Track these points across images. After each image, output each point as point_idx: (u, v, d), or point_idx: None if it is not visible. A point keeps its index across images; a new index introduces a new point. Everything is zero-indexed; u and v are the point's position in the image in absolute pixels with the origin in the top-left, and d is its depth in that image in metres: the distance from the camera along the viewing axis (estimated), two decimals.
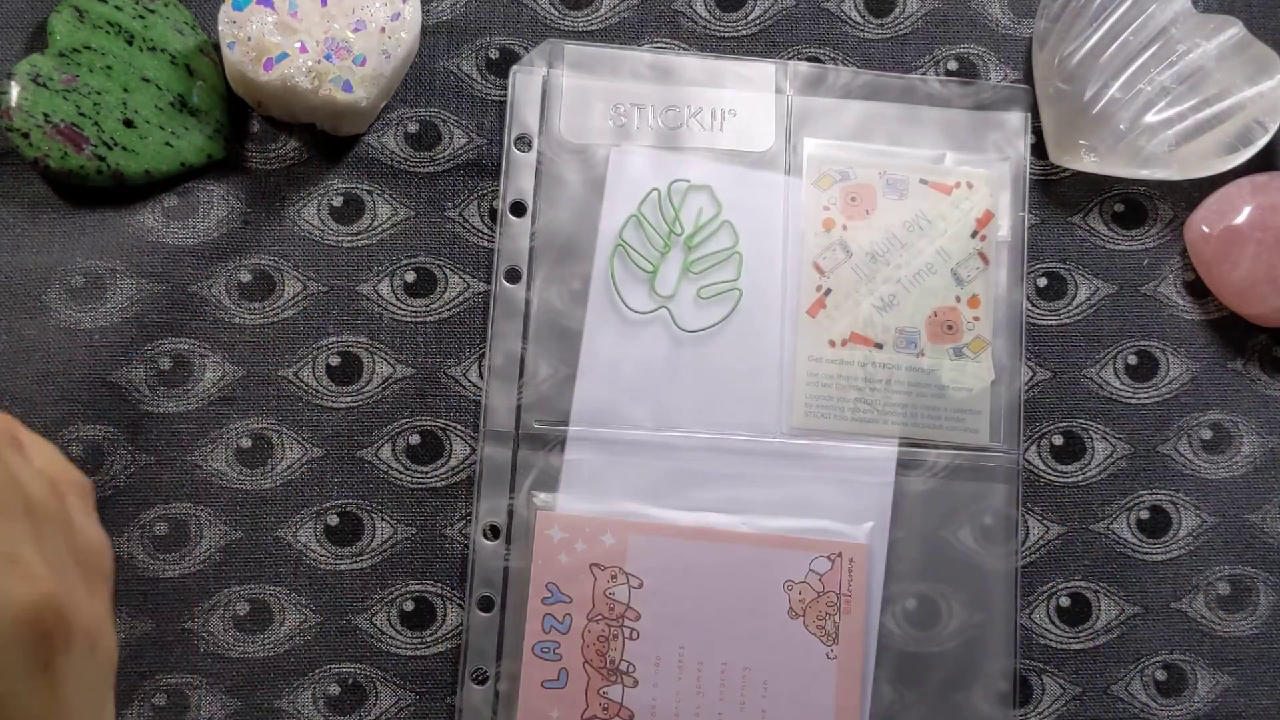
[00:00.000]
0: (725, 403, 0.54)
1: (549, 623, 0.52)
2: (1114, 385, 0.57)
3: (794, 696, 0.52)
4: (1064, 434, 0.56)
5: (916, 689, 0.54)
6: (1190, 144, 0.55)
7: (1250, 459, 0.57)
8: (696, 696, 0.52)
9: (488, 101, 0.56)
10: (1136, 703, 0.55)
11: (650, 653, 0.52)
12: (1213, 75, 0.55)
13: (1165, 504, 0.56)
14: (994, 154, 0.57)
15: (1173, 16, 0.56)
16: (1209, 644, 0.56)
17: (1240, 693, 0.55)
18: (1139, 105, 0.55)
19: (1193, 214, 0.57)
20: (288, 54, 0.51)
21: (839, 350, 0.55)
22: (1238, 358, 0.57)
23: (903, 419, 0.55)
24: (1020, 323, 0.56)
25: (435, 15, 0.57)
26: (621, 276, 0.55)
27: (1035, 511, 0.56)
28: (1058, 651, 0.55)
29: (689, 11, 0.58)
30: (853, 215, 0.56)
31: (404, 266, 0.55)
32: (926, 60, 0.58)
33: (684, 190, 0.56)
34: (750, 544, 0.53)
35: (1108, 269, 0.57)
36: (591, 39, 0.57)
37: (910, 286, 0.56)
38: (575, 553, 0.53)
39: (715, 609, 0.53)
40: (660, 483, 0.54)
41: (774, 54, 0.58)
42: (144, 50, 0.53)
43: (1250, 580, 0.56)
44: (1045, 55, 0.57)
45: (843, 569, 0.53)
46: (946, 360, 0.55)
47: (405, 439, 0.54)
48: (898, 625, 0.54)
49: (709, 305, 0.55)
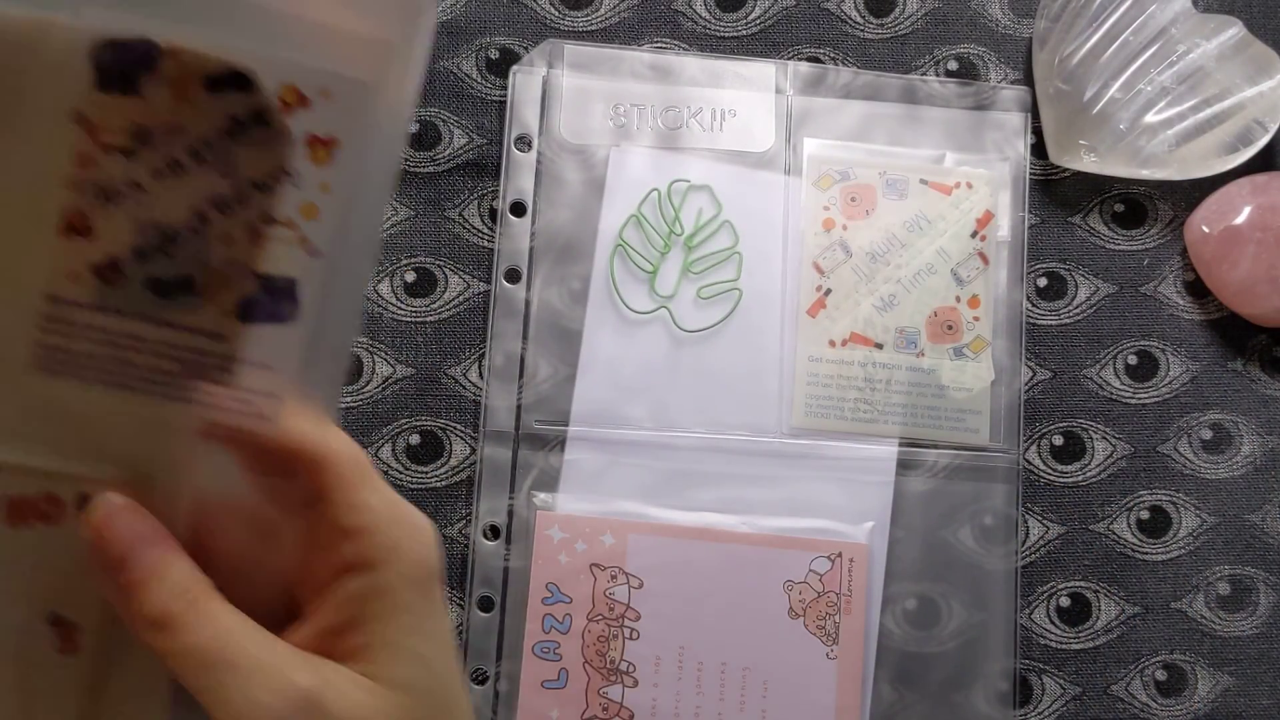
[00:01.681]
0: (725, 403, 0.54)
1: (549, 623, 0.52)
2: (1114, 385, 0.57)
3: (794, 696, 0.52)
4: (1064, 434, 0.56)
5: (916, 689, 0.54)
6: (1190, 144, 0.55)
7: (1250, 459, 0.57)
8: (696, 696, 0.52)
9: (488, 101, 0.56)
10: (1136, 703, 0.55)
11: (650, 653, 0.52)
12: (1213, 75, 0.55)
13: (1165, 504, 0.56)
14: (994, 154, 0.57)
15: (1173, 16, 0.56)
16: (1209, 644, 0.56)
17: (1240, 693, 0.55)
18: (1139, 105, 0.55)
19: (1193, 214, 0.57)
20: None
21: (839, 350, 0.55)
22: (1238, 358, 0.57)
23: (903, 419, 0.55)
24: (1020, 323, 0.56)
25: (435, 15, 0.57)
26: (621, 276, 0.55)
27: (1035, 511, 0.56)
28: (1058, 651, 0.55)
29: (689, 11, 0.58)
30: (853, 215, 0.56)
31: (404, 266, 0.55)
32: (926, 60, 0.58)
33: (684, 190, 0.56)
34: (750, 544, 0.53)
35: (1108, 269, 0.57)
36: (591, 39, 0.57)
37: (910, 286, 0.56)
38: (575, 553, 0.53)
39: (715, 609, 0.53)
40: (660, 483, 0.54)
41: (774, 54, 0.58)
42: None
43: (1250, 580, 0.56)
44: (1045, 55, 0.57)
45: (843, 569, 0.53)
46: (946, 360, 0.55)
47: (405, 439, 0.54)
48: (898, 625, 0.54)
49: (709, 305, 0.55)
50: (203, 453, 0.29)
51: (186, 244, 0.28)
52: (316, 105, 0.27)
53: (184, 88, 0.27)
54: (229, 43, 0.27)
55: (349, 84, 0.28)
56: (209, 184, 0.27)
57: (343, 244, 0.29)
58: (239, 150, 0.27)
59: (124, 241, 0.28)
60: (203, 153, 0.27)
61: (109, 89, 0.27)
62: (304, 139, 0.28)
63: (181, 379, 0.29)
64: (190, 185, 0.27)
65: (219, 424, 0.29)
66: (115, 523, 0.28)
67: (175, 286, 0.28)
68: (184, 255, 0.28)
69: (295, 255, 0.28)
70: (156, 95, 0.27)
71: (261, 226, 0.28)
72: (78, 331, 0.28)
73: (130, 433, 0.29)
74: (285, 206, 0.28)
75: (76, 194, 0.27)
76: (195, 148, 0.27)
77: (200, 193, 0.28)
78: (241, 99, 0.27)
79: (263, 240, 0.28)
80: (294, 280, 0.28)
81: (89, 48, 0.26)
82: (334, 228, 0.28)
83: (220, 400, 0.29)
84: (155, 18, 0.26)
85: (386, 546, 0.30)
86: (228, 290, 0.28)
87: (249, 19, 0.27)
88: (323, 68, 0.27)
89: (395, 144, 0.29)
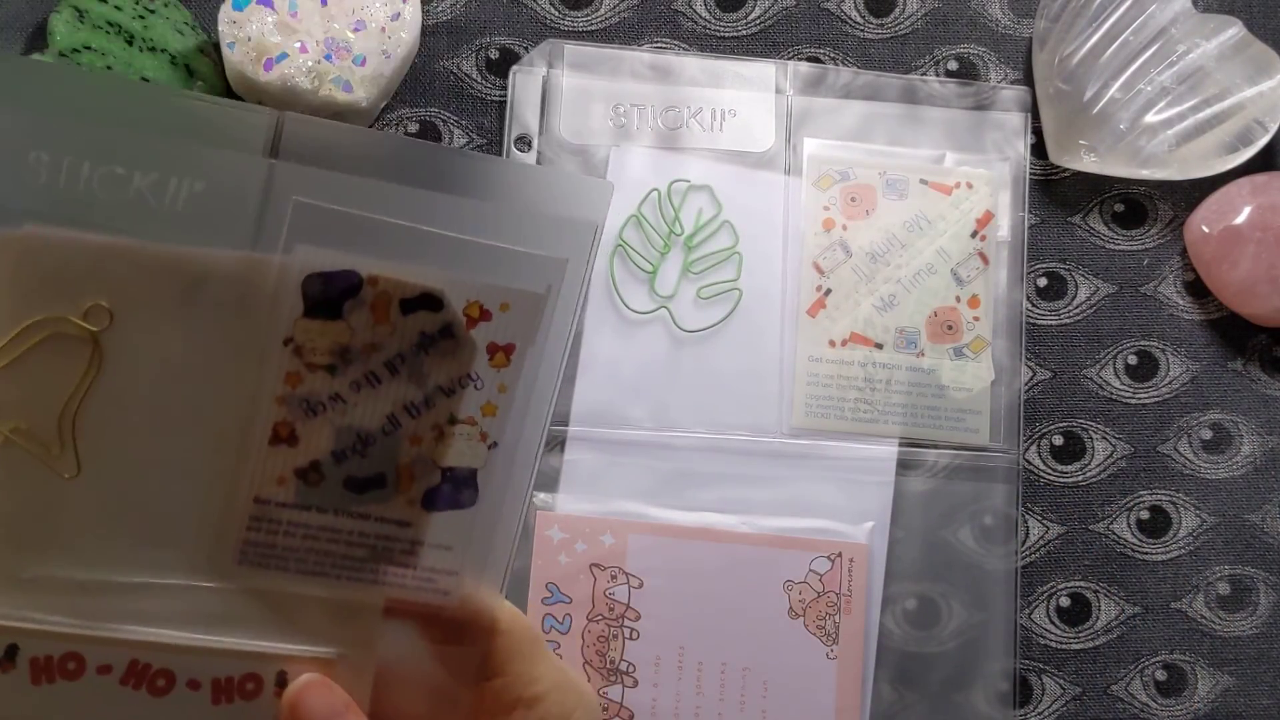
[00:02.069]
0: (725, 403, 0.54)
1: (549, 623, 0.52)
2: (1114, 385, 0.57)
3: (794, 697, 0.52)
4: (1064, 434, 0.56)
5: (916, 689, 0.54)
6: (1190, 144, 0.55)
7: (1250, 459, 0.57)
8: (696, 697, 0.52)
9: (488, 101, 0.56)
10: (1136, 703, 0.55)
11: (650, 653, 0.52)
12: (1213, 75, 0.55)
13: (1165, 504, 0.56)
14: (994, 154, 0.57)
15: (1173, 16, 0.56)
16: (1209, 644, 0.56)
17: (1240, 693, 0.55)
18: (1139, 105, 0.55)
19: (1193, 214, 0.57)
20: (288, 54, 0.51)
21: (839, 350, 0.55)
22: (1238, 358, 0.57)
23: (903, 419, 0.55)
24: (1020, 323, 0.56)
25: (435, 15, 0.57)
26: (621, 276, 0.55)
27: (1035, 511, 0.56)
28: (1058, 651, 0.55)
29: (689, 11, 0.58)
30: (853, 215, 0.56)
31: None
32: (926, 60, 0.58)
33: (684, 190, 0.56)
34: (750, 544, 0.53)
35: (1108, 269, 0.57)
36: (591, 39, 0.57)
37: (910, 286, 0.56)
38: (575, 553, 0.53)
39: (715, 609, 0.53)
40: (660, 483, 0.54)
41: (774, 54, 0.58)
42: (144, 50, 0.53)
43: (1250, 580, 0.56)
44: (1045, 55, 0.57)
45: (843, 569, 0.53)
46: (946, 360, 0.55)
47: None
48: (898, 625, 0.54)
49: (709, 305, 0.55)
50: (388, 628, 0.32)
51: (380, 445, 0.31)
52: (497, 317, 0.31)
53: (382, 310, 0.30)
54: (422, 269, 0.30)
55: (527, 297, 0.31)
56: (401, 392, 0.31)
57: (518, 435, 0.32)
58: (428, 361, 0.31)
59: (324, 447, 0.31)
60: (396, 365, 0.31)
61: (316, 315, 0.30)
62: (485, 347, 0.31)
63: (371, 563, 0.32)
64: (384, 394, 0.31)
65: (404, 601, 0.32)
66: (309, 698, 0.31)
67: (369, 483, 0.31)
68: (377, 455, 0.31)
69: (476, 449, 0.32)
70: (358, 318, 0.30)
71: (447, 426, 0.31)
72: (280, 528, 0.31)
73: (324, 613, 0.32)
74: (467, 406, 0.31)
75: (285, 408, 0.30)
76: (390, 361, 0.31)
77: (393, 400, 0.31)
78: (432, 317, 0.30)
79: (447, 438, 0.31)
80: (474, 471, 0.32)
81: (299, 280, 0.30)
82: (510, 421, 0.31)
83: (404, 579, 0.32)
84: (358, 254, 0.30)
85: (559, 715, 0.33)
86: (415, 483, 0.31)
87: (441, 249, 0.30)
88: (504, 285, 0.31)
89: (563, 340, 0.32)
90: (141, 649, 0.30)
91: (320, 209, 0.30)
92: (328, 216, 0.30)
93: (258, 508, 0.31)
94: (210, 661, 0.31)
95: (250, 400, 0.30)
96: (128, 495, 0.30)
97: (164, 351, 0.30)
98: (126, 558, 0.30)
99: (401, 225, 0.30)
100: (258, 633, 0.31)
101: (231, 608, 0.31)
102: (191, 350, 0.30)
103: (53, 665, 0.30)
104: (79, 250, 0.29)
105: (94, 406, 0.30)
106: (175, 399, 0.30)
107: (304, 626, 0.31)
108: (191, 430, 0.30)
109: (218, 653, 0.31)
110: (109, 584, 0.30)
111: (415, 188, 0.30)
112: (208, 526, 0.31)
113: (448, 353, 0.31)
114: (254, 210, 0.30)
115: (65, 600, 0.30)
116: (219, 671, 0.31)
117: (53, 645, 0.30)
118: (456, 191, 0.31)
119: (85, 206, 0.29)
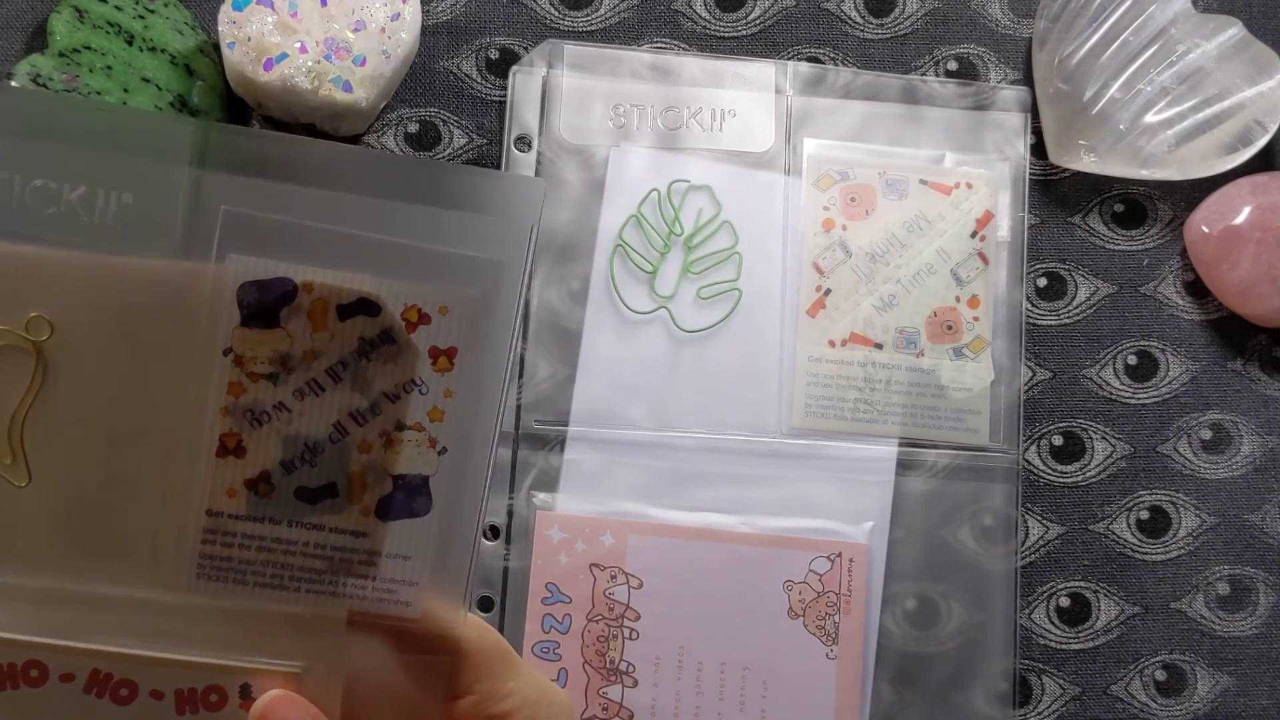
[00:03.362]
0: (725, 403, 0.54)
1: (549, 623, 0.53)
2: (1114, 385, 0.57)
3: (794, 696, 0.52)
4: (1064, 434, 0.56)
5: (916, 689, 0.54)
6: (1190, 144, 0.55)
7: (1250, 459, 0.57)
8: (696, 696, 0.52)
9: (488, 101, 0.56)
10: (1136, 703, 0.55)
11: (650, 653, 0.52)
12: (1213, 75, 0.55)
13: (1165, 504, 0.56)
14: (994, 154, 0.57)
15: (1173, 16, 0.56)
16: (1209, 644, 0.56)
17: (1240, 693, 0.55)
18: (1139, 105, 0.55)
19: (1193, 214, 0.57)
20: (288, 54, 0.51)
21: (839, 350, 0.55)
22: (1238, 358, 0.57)
23: (903, 419, 0.55)
24: (1020, 323, 0.56)
25: (435, 15, 0.57)
26: (621, 276, 0.55)
27: (1035, 511, 0.56)
28: (1057, 651, 0.55)
29: (689, 11, 0.58)
30: (853, 215, 0.56)
31: None
32: (926, 60, 0.58)
33: (684, 190, 0.56)
34: (750, 544, 0.53)
35: (1108, 269, 0.57)
36: (591, 39, 0.57)
37: (910, 286, 0.56)
38: (575, 553, 0.53)
39: (715, 609, 0.53)
40: (660, 483, 0.54)
41: (774, 54, 0.58)
42: (144, 50, 0.53)
43: (1250, 580, 0.56)
44: (1045, 55, 0.57)
45: (843, 569, 0.53)
46: (946, 360, 0.55)
47: None
48: (898, 625, 0.54)
49: (709, 305, 0.55)
50: (353, 640, 0.32)
51: (329, 454, 0.31)
52: (436, 321, 0.31)
53: (320, 317, 0.31)
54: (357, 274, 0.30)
55: (465, 299, 0.31)
56: (346, 399, 0.31)
57: (467, 439, 0.32)
58: (371, 367, 0.31)
59: (272, 457, 0.31)
60: (338, 372, 0.31)
61: (253, 324, 0.30)
62: (427, 351, 0.31)
63: (329, 575, 0.32)
64: (329, 402, 0.31)
65: (365, 613, 0.32)
66: (277, 712, 0.31)
67: (320, 493, 0.31)
68: (326, 464, 0.31)
69: (426, 455, 0.32)
70: (295, 326, 0.30)
71: (394, 433, 0.31)
72: (235, 540, 0.31)
73: (285, 626, 0.32)
74: (414, 412, 0.31)
75: (230, 419, 0.31)
76: (332, 368, 0.31)
77: (338, 407, 0.31)
78: (370, 322, 0.31)
79: (396, 444, 0.31)
80: (426, 477, 0.32)
81: (233, 288, 0.30)
82: (458, 426, 0.32)
83: (365, 591, 0.32)
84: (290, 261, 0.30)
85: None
86: (367, 491, 0.32)
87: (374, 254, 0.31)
88: (441, 288, 0.31)
89: (506, 341, 0.32)
90: (102, 659, 0.30)
91: (250, 217, 0.30)
92: (258, 225, 0.30)
93: (210, 520, 0.31)
94: (172, 673, 0.31)
95: (195, 411, 0.30)
96: (81, 506, 0.31)
97: (107, 362, 0.30)
98: (84, 569, 0.31)
99: (334, 231, 0.30)
100: (220, 646, 0.31)
101: (192, 621, 0.31)
102: (134, 360, 0.30)
103: (15, 672, 0.30)
104: (16, 262, 0.29)
105: (41, 417, 0.30)
106: (122, 409, 0.30)
107: (268, 640, 0.32)
108: (140, 441, 0.31)
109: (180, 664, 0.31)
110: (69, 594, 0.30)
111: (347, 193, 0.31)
112: (164, 539, 0.31)
113: (390, 358, 0.31)
114: (183, 221, 0.30)
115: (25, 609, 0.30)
116: (181, 683, 0.31)
117: (15, 653, 0.30)
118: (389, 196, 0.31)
119: (19, 220, 0.29)
